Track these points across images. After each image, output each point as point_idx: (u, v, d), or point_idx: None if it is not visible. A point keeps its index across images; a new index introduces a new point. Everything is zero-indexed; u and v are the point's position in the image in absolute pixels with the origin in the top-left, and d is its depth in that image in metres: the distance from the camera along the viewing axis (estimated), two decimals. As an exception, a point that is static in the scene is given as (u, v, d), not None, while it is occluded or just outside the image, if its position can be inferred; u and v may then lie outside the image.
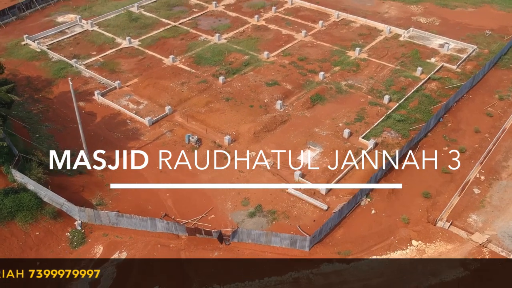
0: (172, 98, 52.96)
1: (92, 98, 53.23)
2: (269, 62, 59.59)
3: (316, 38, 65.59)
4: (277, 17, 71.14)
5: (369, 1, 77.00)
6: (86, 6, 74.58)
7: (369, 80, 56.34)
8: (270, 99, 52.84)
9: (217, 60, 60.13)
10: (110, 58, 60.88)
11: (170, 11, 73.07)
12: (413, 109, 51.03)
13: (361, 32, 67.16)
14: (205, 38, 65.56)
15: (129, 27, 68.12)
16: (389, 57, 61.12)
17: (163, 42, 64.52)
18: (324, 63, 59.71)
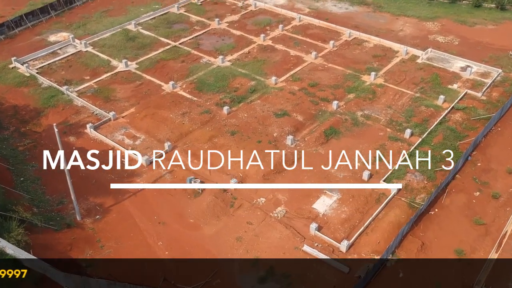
0: (172, 131, 48.19)
1: (84, 132, 48.46)
2: (278, 89, 54.82)
3: (327, 60, 60.81)
4: (284, 36, 66.38)
5: (381, 17, 72.23)
6: (80, 23, 69.83)
7: (387, 109, 51.56)
8: (279, 132, 48.07)
9: (221, 86, 55.38)
10: (104, 83, 56.11)
11: (169, 28, 68.32)
12: (438, 145, 46.23)
13: (376, 53, 62.37)
14: (207, 60, 60.78)
15: (126, 47, 63.36)
16: (407, 82, 56.33)
17: (162, 65, 59.76)
18: (337, 89, 54.93)
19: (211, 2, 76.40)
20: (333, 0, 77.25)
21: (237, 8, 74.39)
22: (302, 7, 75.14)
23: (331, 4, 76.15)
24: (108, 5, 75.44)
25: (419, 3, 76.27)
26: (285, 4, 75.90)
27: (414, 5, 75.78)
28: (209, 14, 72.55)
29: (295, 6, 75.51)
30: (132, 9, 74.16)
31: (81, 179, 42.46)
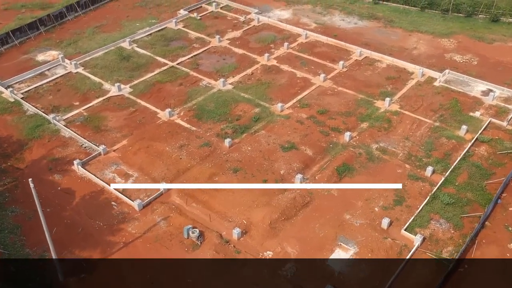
0: (168, 168, 43.58)
1: (71, 169, 43.84)
2: (284, 117, 50.18)
3: (337, 83, 56.18)
4: (290, 55, 61.75)
5: (393, 33, 67.59)
6: (71, 40, 65.16)
7: (404, 141, 46.94)
8: (287, 169, 43.46)
9: (222, 113, 50.76)
10: (95, 110, 51.48)
11: (167, 47, 63.66)
12: (463, 186, 41.62)
13: (389, 74, 57.73)
14: (207, 83, 56.15)
15: (119, 68, 58.73)
16: (425, 109, 51.70)
17: (159, 89, 55.13)
18: (349, 117, 50.31)
19: (211, 17, 71.80)
20: (341, 14, 72.62)
21: (239, 23, 69.78)
22: (308, 21, 70.51)
23: (339, 18, 71.53)
24: (101, 20, 70.80)
25: (432, 17, 71.67)
26: (290, 19, 71.27)
27: (427, 19, 71.17)
28: (209, 29, 67.95)
29: (300, 20, 70.87)
30: (127, 24, 69.53)
31: (66, 228, 37.98)
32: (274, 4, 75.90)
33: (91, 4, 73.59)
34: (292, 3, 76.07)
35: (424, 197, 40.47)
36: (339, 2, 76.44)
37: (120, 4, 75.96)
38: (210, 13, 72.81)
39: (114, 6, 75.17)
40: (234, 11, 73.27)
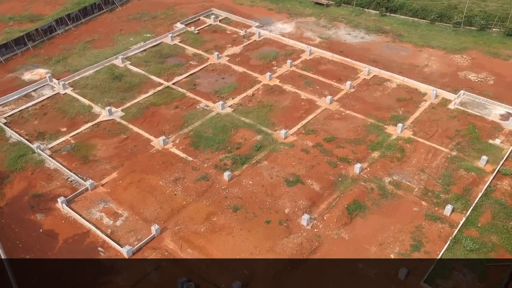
0: (161, 206, 39.67)
1: (55, 207, 39.92)
2: (288, 145, 46.28)
3: (345, 105, 52.26)
4: (293, 74, 57.82)
5: (402, 48, 63.68)
6: (60, 56, 61.21)
7: (419, 174, 43.05)
8: (292, 208, 39.56)
9: (221, 141, 46.85)
10: (83, 138, 47.56)
11: (162, 64, 59.72)
12: (487, 227, 37.76)
13: (400, 95, 53.84)
14: (205, 105, 52.22)
15: (111, 88, 54.80)
16: (440, 135, 47.81)
17: (152, 112, 51.21)
18: (359, 145, 46.42)
19: (210, 30, 67.89)
20: (347, 27, 68.72)
21: (238, 38, 65.86)
22: (312, 36, 66.60)
23: (344, 32, 67.63)
24: (93, 34, 66.87)
25: (443, 31, 67.83)
26: (293, 33, 67.36)
27: (437, 33, 67.32)
28: (207, 45, 64.04)
29: (304, 34, 66.97)
30: (120, 39, 65.61)
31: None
32: (276, 17, 72.01)
33: (83, 17, 69.69)
34: (294, 15, 72.20)
35: (444, 241, 36.59)
36: (344, 14, 72.59)
37: (114, 16, 72.07)
38: (208, 26, 68.92)
39: (107, 19, 71.27)
40: (233, 24, 69.38)
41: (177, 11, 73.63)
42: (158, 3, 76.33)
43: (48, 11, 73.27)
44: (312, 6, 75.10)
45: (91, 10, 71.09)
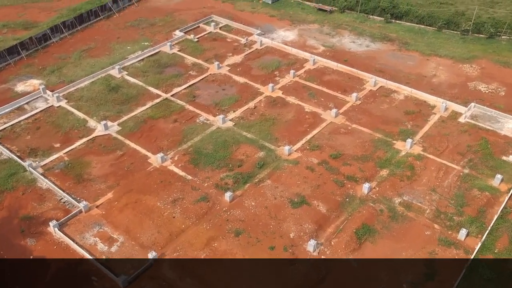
0: (159, 230, 37.53)
1: (47, 231, 37.75)
2: (292, 162, 44.13)
3: (351, 118, 50.11)
4: (297, 84, 55.66)
5: (409, 57, 61.50)
6: (55, 66, 59.00)
7: (431, 194, 40.92)
8: (297, 232, 37.41)
9: (222, 158, 44.71)
10: (78, 154, 45.38)
11: (160, 74, 57.56)
12: (504, 253, 35.65)
13: (408, 108, 51.68)
14: (205, 119, 50.06)
15: (107, 100, 52.65)
16: (451, 151, 45.66)
17: (150, 127, 49.05)
18: (366, 162, 44.26)
19: (210, 38, 65.70)
20: (351, 35, 66.56)
21: (239, 46, 63.69)
22: (316, 44, 64.44)
23: (349, 40, 65.46)
24: (89, 42, 64.68)
25: (450, 39, 65.68)
26: (296, 41, 65.19)
27: (445, 40, 65.17)
28: (207, 54, 61.88)
29: (307, 42, 64.81)
30: (117, 47, 63.41)
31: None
32: (278, 24, 69.85)
33: (78, 24, 67.50)
34: (297, 22, 70.03)
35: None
36: (348, 21, 70.44)
37: (111, 23, 69.89)
38: (208, 34, 66.74)
39: (103, 26, 69.08)
40: (234, 32, 67.20)
41: (176, 17, 71.47)
42: (157, 9, 74.18)
43: (43, 18, 71.08)
44: (315, 13, 72.96)
45: (87, 17, 68.90)
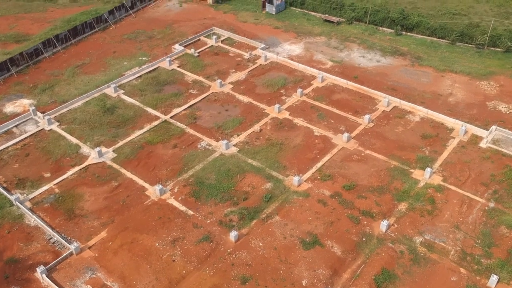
0: (157, 277, 34.01)
1: (34, 278, 34.23)
2: (302, 195, 40.63)
3: (364, 143, 46.64)
4: (304, 104, 52.16)
5: (423, 74, 58.01)
6: (47, 84, 55.49)
7: (455, 232, 37.46)
8: (310, 278, 33.91)
9: (226, 189, 41.23)
10: (69, 185, 41.88)
11: (159, 93, 54.06)
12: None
13: (425, 131, 48.20)
14: (207, 144, 46.57)
15: (102, 123, 49.16)
16: (474, 182, 42.20)
17: (148, 153, 45.55)
18: (383, 195, 40.79)
19: (211, 53, 62.18)
20: (360, 49, 63.07)
21: (243, 62, 60.17)
22: (323, 59, 60.93)
23: (358, 54, 61.96)
24: (83, 57, 61.15)
25: (465, 53, 62.20)
26: (302, 55, 61.69)
27: (459, 55, 61.70)
28: (209, 69, 58.38)
29: (314, 57, 61.30)
30: (113, 63, 59.88)
31: None
32: (283, 36, 66.35)
33: (72, 37, 63.97)
34: (303, 35, 66.54)
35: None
36: (357, 33, 66.96)
37: (106, 36, 66.37)
38: (210, 48, 63.22)
39: (99, 39, 65.55)
40: (237, 46, 63.69)
41: (176, 29, 67.97)
42: (155, 20, 70.68)
43: (36, 30, 67.63)
44: (322, 24, 69.46)
45: (82, 30, 65.37)
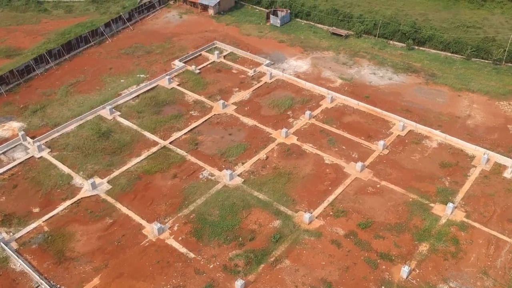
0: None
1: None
2: (314, 235, 37.20)
3: (379, 173, 43.22)
4: (313, 128, 48.76)
5: (438, 93, 54.61)
6: (38, 105, 52.08)
7: (482, 278, 34.05)
8: (325, 335, 30.49)
9: (230, 227, 37.82)
10: (60, 223, 38.45)
11: (158, 115, 50.65)
12: None
13: (443, 159, 44.81)
14: (209, 174, 43.16)
15: (96, 150, 45.75)
16: (500, 218, 38.81)
17: (145, 185, 42.13)
18: (402, 234, 37.38)
19: (213, 69, 58.77)
20: (371, 65, 59.66)
21: (246, 79, 56.76)
22: (332, 76, 57.52)
23: (368, 70, 58.55)
24: (78, 74, 57.72)
25: (481, 69, 58.85)
26: (309, 72, 58.27)
27: (476, 71, 58.33)
28: (211, 88, 54.96)
29: (322, 74, 57.89)
30: (109, 81, 56.46)
31: None
32: (288, 51, 62.91)
33: (66, 52, 60.53)
34: (309, 49, 63.12)
35: None
36: (366, 47, 63.56)
37: (102, 50, 62.92)
38: (211, 64, 59.78)
39: (94, 54, 62.10)
40: (240, 62, 60.27)
41: (175, 43, 64.54)
42: (154, 33, 67.24)
43: (28, 43, 64.26)
44: (329, 38, 66.04)
45: (76, 44, 61.93)
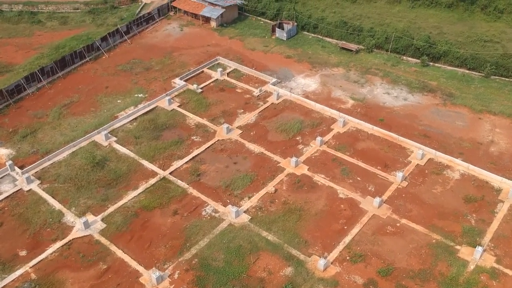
0: None
1: None
2: (330, 284, 33.58)
3: (398, 210, 39.60)
4: (325, 156, 45.14)
5: (457, 115, 51.00)
6: (28, 129, 48.48)
7: (520, 338, 30.45)
8: None
9: (237, 275, 34.22)
10: (49, 269, 34.85)
11: (157, 140, 47.02)
12: None
13: (467, 192, 41.20)
14: (213, 210, 39.56)
15: (90, 181, 42.15)
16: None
17: (143, 223, 38.52)
18: (426, 283, 33.77)
19: (216, 88, 55.13)
20: (384, 83, 56.04)
21: (252, 99, 53.14)
22: (343, 96, 53.90)
23: (382, 90, 54.93)
24: (72, 93, 54.09)
25: (502, 88, 55.24)
26: (319, 91, 54.65)
27: (496, 91, 54.73)
28: (214, 110, 51.35)
29: (332, 94, 54.28)
30: (105, 101, 52.82)
31: None
32: (296, 67, 59.27)
33: (60, 70, 56.89)
34: (318, 66, 59.48)
35: None
36: (378, 63, 59.94)
37: (98, 67, 59.27)
38: (214, 82, 56.15)
39: (90, 71, 58.45)
40: (244, 79, 56.65)
41: (176, 59, 60.89)
42: (153, 47, 63.57)
43: (20, 58, 60.69)
44: (338, 52, 62.40)
45: (71, 60, 58.29)
